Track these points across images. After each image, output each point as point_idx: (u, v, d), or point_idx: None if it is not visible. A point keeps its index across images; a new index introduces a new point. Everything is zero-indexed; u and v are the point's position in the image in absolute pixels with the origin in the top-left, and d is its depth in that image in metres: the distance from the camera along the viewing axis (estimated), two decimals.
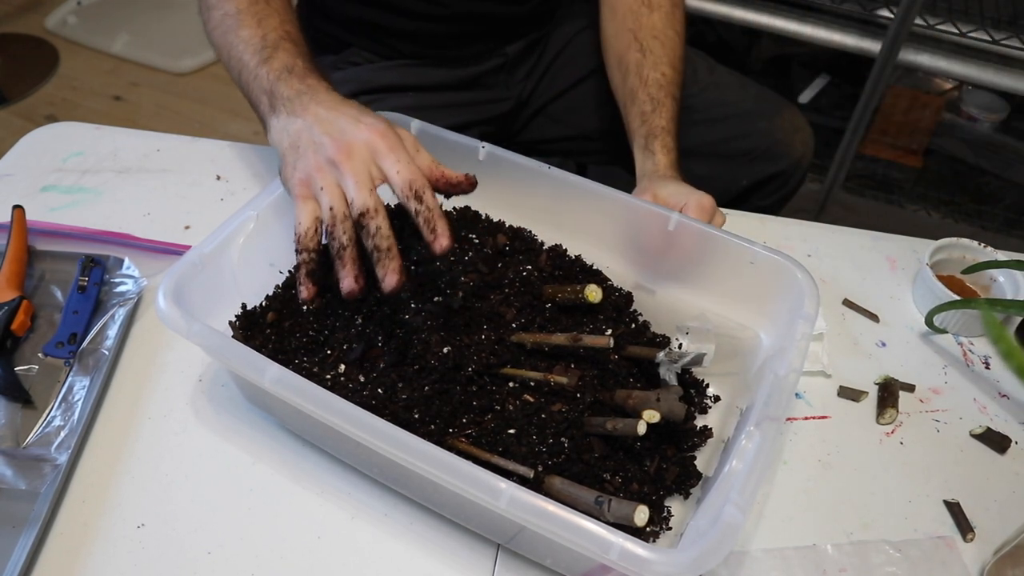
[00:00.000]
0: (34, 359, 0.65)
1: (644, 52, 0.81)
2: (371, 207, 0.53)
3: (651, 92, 0.79)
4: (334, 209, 0.54)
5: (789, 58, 1.93)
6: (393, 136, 0.57)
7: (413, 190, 0.54)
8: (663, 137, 0.77)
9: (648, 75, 0.80)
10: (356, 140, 0.55)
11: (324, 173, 0.55)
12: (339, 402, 0.48)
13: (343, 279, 0.53)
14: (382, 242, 0.53)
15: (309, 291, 0.54)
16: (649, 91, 0.79)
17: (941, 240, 0.77)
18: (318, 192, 0.55)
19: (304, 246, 0.55)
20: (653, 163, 0.76)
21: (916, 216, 1.71)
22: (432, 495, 0.55)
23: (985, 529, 0.59)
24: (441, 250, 0.53)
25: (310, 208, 0.55)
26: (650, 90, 0.79)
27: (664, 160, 0.76)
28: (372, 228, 0.53)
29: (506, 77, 0.99)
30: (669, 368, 0.58)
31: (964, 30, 1.35)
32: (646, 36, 0.81)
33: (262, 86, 0.63)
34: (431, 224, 0.53)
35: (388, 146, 0.56)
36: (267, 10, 0.68)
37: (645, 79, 0.80)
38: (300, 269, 0.54)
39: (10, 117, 2.09)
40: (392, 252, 0.53)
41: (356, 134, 0.56)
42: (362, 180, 0.54)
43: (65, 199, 0.80)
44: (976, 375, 0.71)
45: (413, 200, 0.54)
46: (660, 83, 0.79)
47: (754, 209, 0.94)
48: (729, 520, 0.44)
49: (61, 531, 0.55)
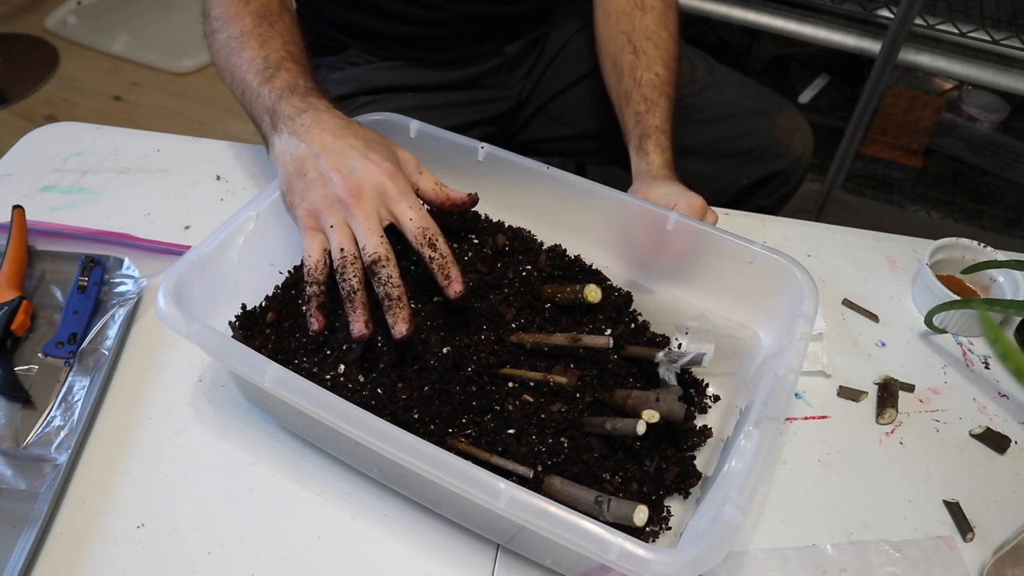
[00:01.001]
0: (34, 359, 0.65)
1: (638, 53, 0.81)
2: (382, 255, 0.55)
3: (645, 93, 0.79)
4: (345, 251, 0.56)
5: (789, 58, 1.93)
6: (401, 177, 0.58)
7: (427, 238, 0.56)
8: (656, 136, 0.77)
9: (642, 76, 0.80)
10: (366, 181, 0.57)
11: (334, 211, 0.57)
12: (339, 402, 0.48)
13: (353, 323, 0.54)
14: (393, 291, 0.54)
15: (320, 324, 0.56)
16: (643, 92, 0.79)
17: (941, 240, 0.77)
18: (327, 228, 0.57)
19: (315, 279, 0.56)
20: (647, 163, 0.76)
21: (916, 216, 1.71)
22: (432, 495, 0.55)
23: (985, 529, 0.59)
24: (455, 295, 0.55)
25: (319, 241, 0.57)
26: (644, 91, 0.79)
27: (658, 160, 0.76)
28: (384, 276, 0.54)
29: (505, 77, 0.99)
30: (668, 368, 0.58)
31: (964, 30, 1.35)
32: (639, 38, 0.82)
33: (264, 105, 0.64)
34: (445, 271, 0.55)
35: (399, 190, 0.57)
36: (270, 32, 0.68)
37: (639, 80, 0.80)
38: (311, 302, 0.56)
39: (10, 117, 2.09)
40: (402, 301, 0.54)
41: (366, 174, 0.57)
42: (372, 226, 0.56)
43: (65, 199, 0.80)
44: (976, 375, 0.71)
45: (427, 248, 0.56)
46: (654, 83, 0.80)
47: (754, 208, 0.94)
48: (728, 520, 0.44)
49: (61, 531, 0.55)
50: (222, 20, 0.70)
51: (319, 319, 0.56)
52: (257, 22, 0.69)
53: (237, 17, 0.69)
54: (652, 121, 0.78)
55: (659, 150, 0.76)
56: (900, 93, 1.72)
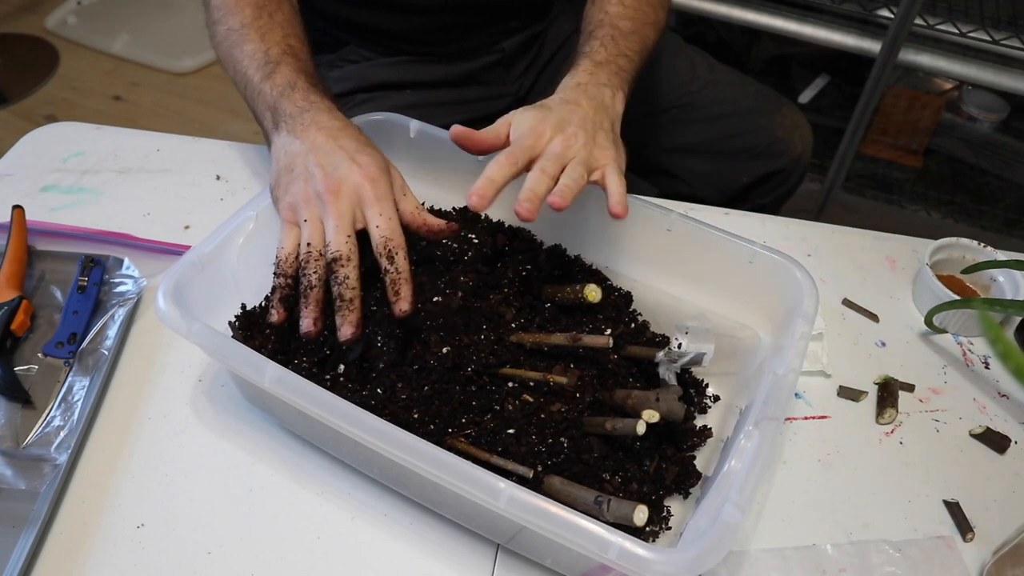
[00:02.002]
0: (34, 359, 0.65)
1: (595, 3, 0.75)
2: (344, 255, 0.55)
3: (588, 31, 0.72)
4: (311, 245, 0.56)
5: (789, 58, 1.93)
6: (383, 184, 0.58)
7: (387, 248, 0.56)
8: (576, 60, 0.67)
9: (591, 18, 0.73)
10: (346, 180, 0.57)
11: (311, 205, 0.57)
12: (339, 402, 0.48)
13: (303, 318, 0.54)
14: (346, 292, 0.54)
15: (280, 316, 0.56)
16: (587, 32, 0.72)
17: (941, 240, 0.77)
18: (301, 222, 0.57)
19: (283, 271, 0.56)
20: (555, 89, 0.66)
21: (916, 216, 1.71)
22: (432, 495, 0.55)
23: (985, 529, 0.59)
24: (400, 314, 0.54)
25: (294, 235, 0.57)
26: (587, 29, 0.72)
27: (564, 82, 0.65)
28: (341, 276, 0.54)
29: (503, 73, 0.99)
30: (668, 368, 0.58)
31: (964, 30, 1.35)
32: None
33: (266, 102, 0.64)
34: (396, 287, 0.55)
35: (376, 195, 0.57)
36: (270, 24, 0.68)
37: (587, 22, 0.73)
38: (275, 293, 0.56)
39: (10, 117, 2.09)
40: (354, 304, 0.54)
41: (348, 174, 0.57)
42: (342, 224, 0.56)
43: (65, 199, 0.80)
44: (976, 375, 0.71)
45: (385, 259, 0.55)
46: (600, 21, 0.71)
47: (754, 207, 0.94)
48: (728, 519, 0.44)
49: (61, 531, 0.55)
50: (222, 11, 0.70)
51: (280, 311, 0.55)
52: (257, 13, 0.69)
53: (237, 8, 0.69)
54: (579, 51, 0.69)
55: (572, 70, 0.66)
56: (900, 93, 1.72)
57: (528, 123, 0.59)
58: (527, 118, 0.60)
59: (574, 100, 0.62)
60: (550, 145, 0.59)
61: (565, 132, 0.59)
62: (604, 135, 0.61)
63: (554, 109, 0.61)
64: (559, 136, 0.59)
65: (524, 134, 0.59)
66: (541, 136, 0.59)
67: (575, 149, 0.59)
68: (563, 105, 0.61)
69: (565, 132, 0.59)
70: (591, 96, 0.63)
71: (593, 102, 0.62)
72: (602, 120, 0.62)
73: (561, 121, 0.60)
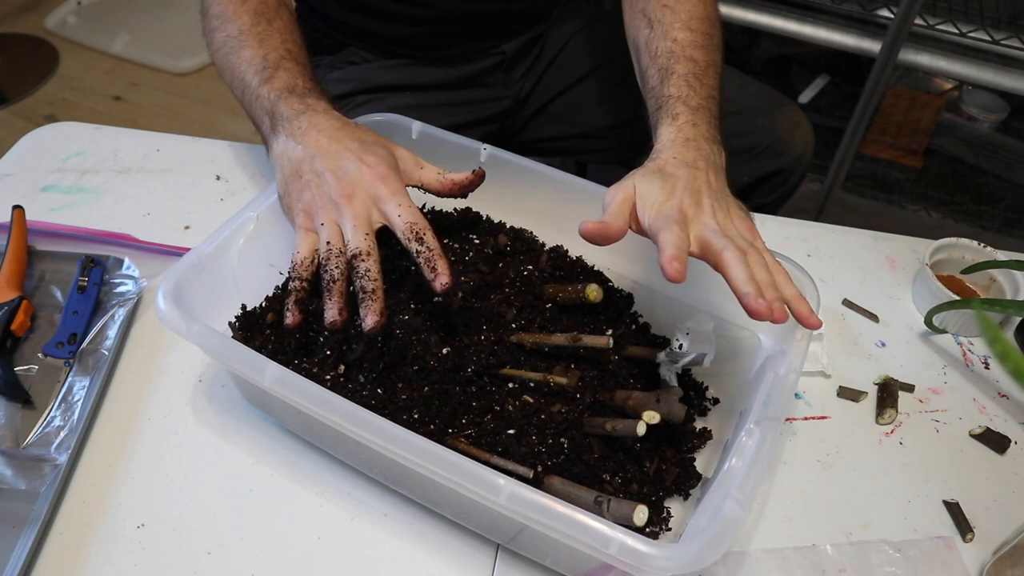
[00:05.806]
0: (34, 359, 0.65)
1: (652, 26, 0.73)
2: (364, 250, 0.55)
3: (660, 64, 0.69)
4: (331, 244, 0.56)
5: (789, 58, 1.93)
6: (394, 179, 0.58)
7: (414, 232, 0.56)
8: (669, 106, 0.65)
9: (657, 47, 0.70)
10: (359, 183, 0.57)
11: (326, 210, 0.58)
12: (339, 401, 0.48)
13: (328, 309, 0.54)
14: (368, 284, 0.54)
15: (295, 319, 0.56)
16: (658, 63, 0.69)
17: (941, 240, 0.77)
18: (318, 227, 0.57)
19: (298, 274, 0.57)
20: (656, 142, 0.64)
21: (916, 216, 1.71)
22: (432, 494, 0.55)
23: (984, 529, 0.59)
24: (442, 288, 0.54)
25: (310, 240, 0.58)
26: (659, 62, 0.69)
27: (668, 135, 0.63)
28: (362, 270, 0.55)
29: (504, 75, 0.99)
30: (669, 369, 0.58)
31: (964, 30, 1.35)
32: (654, 8, 0.73)
33: (264, 106, 0.64)
34: (431, 264, 0.55)
35: (390, 191, 0.57)
36: (269, 30, 0.68)
37: (654, 53, 0.71)
38: (290, 296, 0.56)
39: (10, 117, 2.09)
40: (376, 295, 0.54)
41: (359, 176, 0.58)
42: (360, 224, 0.56)
43: (65, 199, 0.80)
44: (976, 375, 0.71)
45: (415, 242, 0.56)
46: (671, 51, 0.69)
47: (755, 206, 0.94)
48: (729, 515, 0.44)
49: (61, 531, 0.55)
50: (220, 18, 0.70)
51: (295, 314, 0.56)
52: (255, 20, 0.69)
53: (235, 15, 0.69)
54: (666, 91, 0.67)
55: (670, 119, 0.64)
56: (900, 93, 1.72)
57: (656, 195, 0.56)
58: (654, 189, 0.57)
59: (692, 163, 0.59)
60: (704, 219, 0.56)
61: (701, 204, 0.57)
62: (734, 205, 0.60)
63: (676, 175, 0.58)
64: (700, 213, 0.56)
65: (667, 214, 0.55)
66: (684, 211, 0.56)
67: (729, 228, 0.57)
68: (683, 169, 0.58)
69: (701, 204, 0.57)
70: (704, 156, 0.61)
71: (711, 166, 0.60)
72: (723, 185, 0.61)
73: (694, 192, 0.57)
